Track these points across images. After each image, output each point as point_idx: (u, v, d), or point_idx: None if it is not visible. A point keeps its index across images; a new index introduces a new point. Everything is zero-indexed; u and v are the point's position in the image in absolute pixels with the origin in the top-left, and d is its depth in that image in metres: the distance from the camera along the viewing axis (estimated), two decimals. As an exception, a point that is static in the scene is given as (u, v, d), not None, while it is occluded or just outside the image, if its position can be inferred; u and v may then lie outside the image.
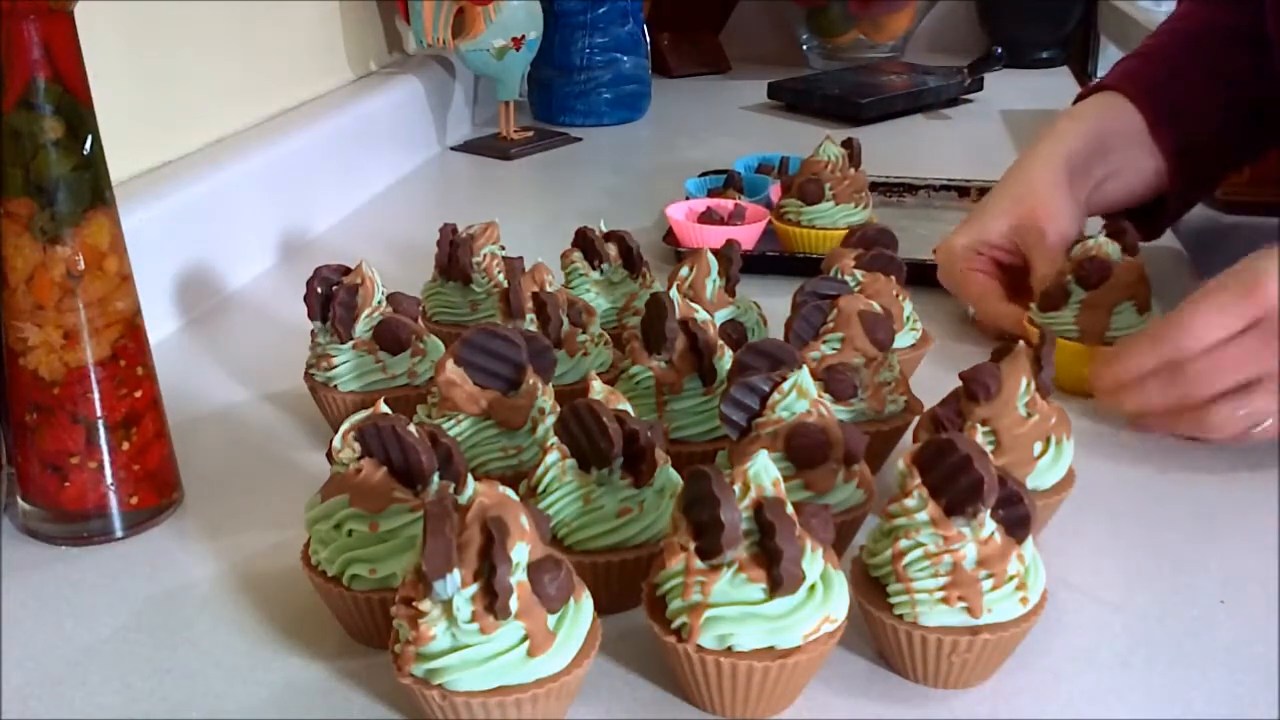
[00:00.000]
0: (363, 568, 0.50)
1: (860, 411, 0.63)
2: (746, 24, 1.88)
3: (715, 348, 0.63)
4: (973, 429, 0.57)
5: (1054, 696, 0.50)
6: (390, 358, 0.69)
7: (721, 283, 0.73)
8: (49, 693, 0.51)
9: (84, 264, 0.58)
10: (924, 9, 1.78)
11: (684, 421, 0.63)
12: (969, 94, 1.58)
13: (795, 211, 0.96)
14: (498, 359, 0.60)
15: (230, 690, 0.51)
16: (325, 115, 1.15)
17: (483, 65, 1.34)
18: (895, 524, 0.49)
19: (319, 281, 0.69)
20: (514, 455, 0.60)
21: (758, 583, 0.46)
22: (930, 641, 0.48)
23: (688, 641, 0.47)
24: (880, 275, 0.71)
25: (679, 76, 1.77)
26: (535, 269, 0.72)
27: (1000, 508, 0.49)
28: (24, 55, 0.54)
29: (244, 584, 0.58)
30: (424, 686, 0.45)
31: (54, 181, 0.56)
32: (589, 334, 0.71)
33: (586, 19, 1.47)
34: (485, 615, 0.44)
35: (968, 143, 1.41)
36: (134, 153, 0.90)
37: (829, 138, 0.97)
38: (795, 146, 1.13)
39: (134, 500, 0.62)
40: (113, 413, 0.60)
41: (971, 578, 0.48)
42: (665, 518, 0.54)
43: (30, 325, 0.58)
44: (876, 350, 0.64)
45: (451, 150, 1.40)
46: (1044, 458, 0.57)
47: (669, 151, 1.38)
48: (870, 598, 0.50)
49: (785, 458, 0.55)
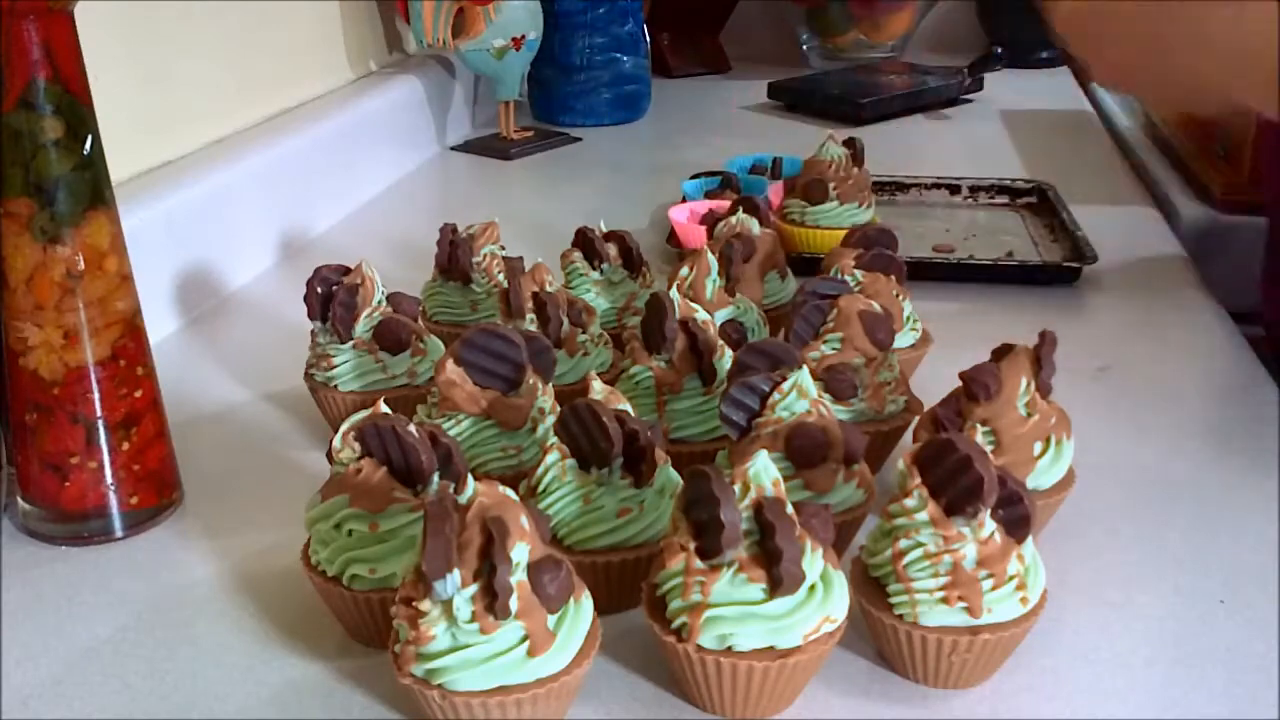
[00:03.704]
0: (363, 568, 0.50)
1: (860, 411, 0.63)
2: (746, 24, 1.87)
3: (715, 348, 0.63)
4: (973, 429, 0.57)
5: (1054, 696, 0.50)
6: (390, 358, 0.69)
7: (721, 282, 0.73)
8: (49, 693, 0.51)
9: (84, 264, 0.58)
10: (924, 9, 1.78)
11: (684, 421, 0.63)
12: (969, 94, 1.58)
13: (799, 211, 0.96)
14: (498, 359, 0.60)
15: (230, 690, 0.51)
16: (325, 115, 1.15)
17: (483, 65, 1.34)
18: (895, 524, 0.49)
19: (319, 281, 0.69)
20: (514, 455, 0.60)
21: (758, 583, 0.46)
22: (930, 641, 0.48)
23: (688, 641, 0.47)
24: (880, 275, 0.71)
25: (679, 76, 1.76)
26: (535, 269, 0.72)
27: (1000, 508, 0.49)
28: (24, 55, 0.54)
29: (244, 584, 0.58)
30: (424, 686, 0.45)
31: (54, 181, 0.56)
32: (589, 334, 0.71)
33: (586, 19, 1.47)
34: (485, 615, 0.44)
35: (967, 143, 1.41)
36: (134, 153, 0.90)
37: (832, 137, 0.97)
38: (795, 146, 1.13)
39: (134, 500, 0.62)
40: (113, 413, 0.60)
41: (971, 578, 0.48)
42: (665, 518, 0.54)
43: (30, 325, 0.58)
44: (876, 350, 0.64)
45: (451, 150, 1.40)
46: (1044, 458, 0.57)
47: (669, 151, 1.38)
48: (870, 598, 0.50)
49: (785, 458, 0.55)
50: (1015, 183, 1.13)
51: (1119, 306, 0.90)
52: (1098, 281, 0.93)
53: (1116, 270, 0.95)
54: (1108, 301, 0.91)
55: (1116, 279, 0.94)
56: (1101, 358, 0.81)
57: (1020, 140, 1.38)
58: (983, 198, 1.13)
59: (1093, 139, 1.42)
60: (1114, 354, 0.82)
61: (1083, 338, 0.83)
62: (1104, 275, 0.94)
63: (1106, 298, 0.91)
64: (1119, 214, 1.10)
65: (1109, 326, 0.87)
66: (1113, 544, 0.61)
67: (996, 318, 0.87)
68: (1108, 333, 0.86)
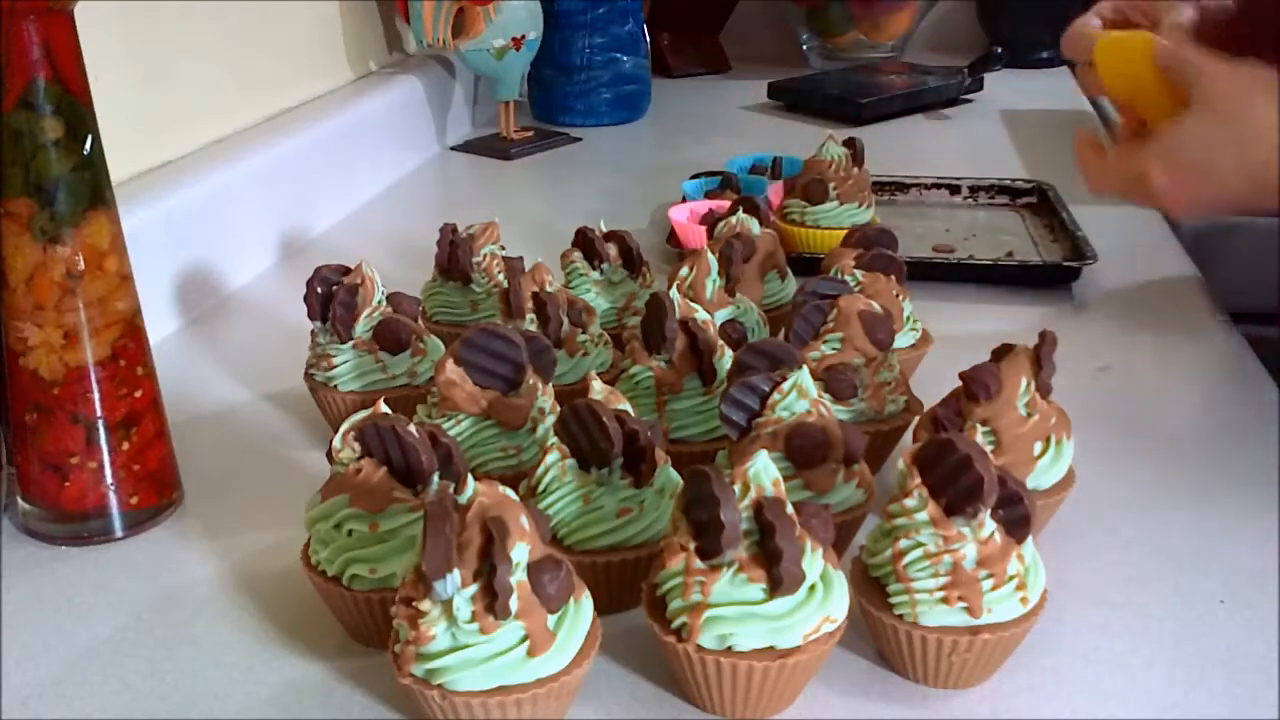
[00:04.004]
0: (363, 568, 0.50)
1: (860, 411, 0.63)
2: (746, 24, 1.87)
3: (715, 348, 0.63)
4: (973, 429, 0.57)
5: (1054, 696, 0.50)
6: (390, 358, 0.69)
7: (721, 282, 0.73)
8: (49, 693, 0.51)
9: (84, 264, 0.58)
10: (924, 9, 1.78)
11: (684, 421, 0.63)
12: (969, 94, 1.58)
13: (800, 211, 0.96)
14: (498, 359, 0.60)
15: (230, 690, 0.51)
16: (325, 115, 1.15)
17: (483, 65, 1.34)
18: (895, 524, 0.49)
19: (319, 281, 0.69)
20: (514, 455, 0.60)
21: (758, 583, 0.46)
22: (930, 641, 0.48)
23: (688, 641, 0.47)
24: (880, 275, 0.71)
25: (679, 76, 1.77)
26: (535, 269, 0.72)
27: (1000, 508, 0.49)
28: (24, 55, 0.54)
29: (244, 584, 0.58)
30: (424, 686, 0.45)
31: (54, 181, 0.56)
32: (589, 334, 0.71)
33: (586, 19, 1.47)
34: (485, 615, 0.44)
35: (967, 143, 1.41)
36: (134, 153, 0.90)
37: (832, 137, 0.97)
38: (795, 147, 1.13)
39: (134, 500, 0.62)
40: (113, 413, 0.60)
41: (971, 578, 0.48)
42: (665, 518, 0.54)
43: (30, 325, 0.58)
44: (876, 350, 0.64)
45: (451, 150, 1.40)
46: (1044, 458, 0.57)
47: (669, 151, 1.38)
48: (870, 598, 0.50)
49: (785, 458, 0.55)
50: (1015, 183, 1.13)
51: (1119, 306, 0.90)
52: (1098, 282, 0.93)
53: (1116, 270, 0.95)
54: (1108, 301, 0.91)
55: (1116, 279, 0.94)
56: (1101, 358, 0.81)
57: (1020, 140, 1.38)
58: (983, 198, 1.13)
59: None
60: (1114, 354, 0.82)
61: (1083, 338, 0.83)
62: (1104, 275, 0.94)
63: (1106, 298, 0.91)
64: (1119, 214, 1.10)
65: (1109, 326, 0.87)
66: (1113, 544, 0.61)
67: (996, 318, 0.87)
68: (1107, 333, 0.85)
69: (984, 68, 1.57)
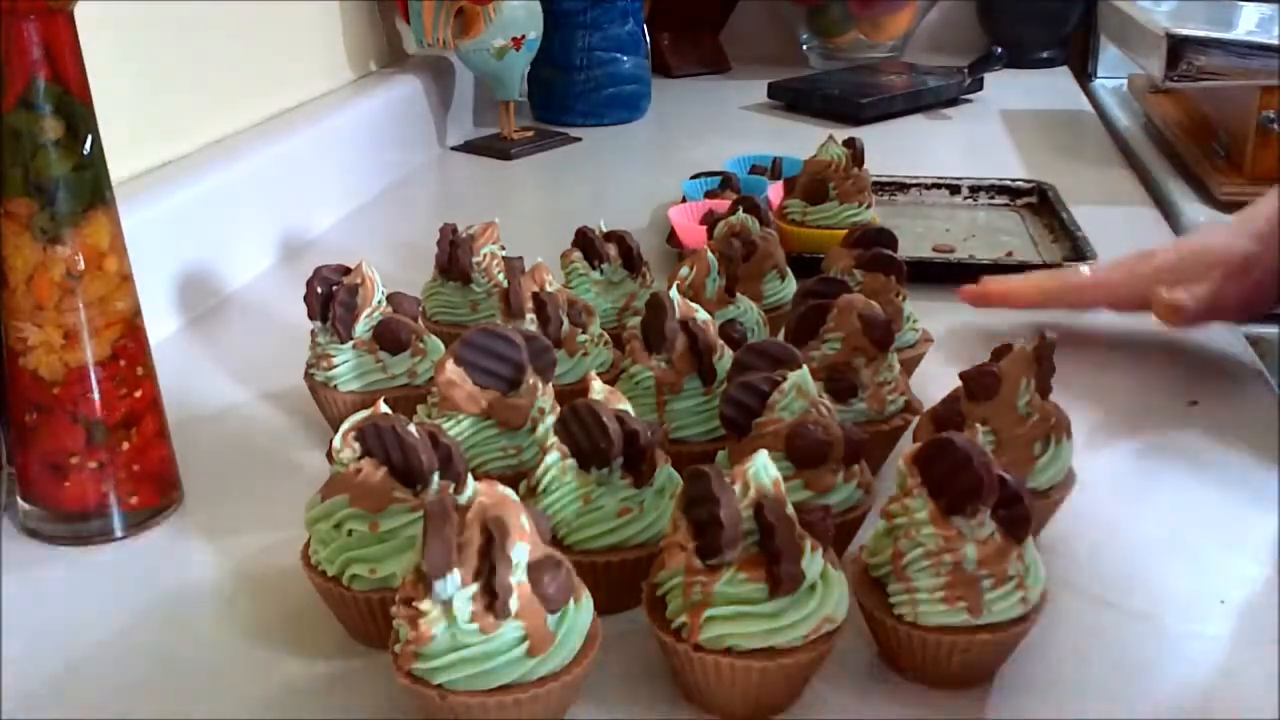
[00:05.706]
0: (363, 568, 0.50)
1: (860, 411, 0.63)
2: (746, 24, 1.87)
3: (715, 348, 0.63)
4: (973, 429, 0.57)
5: (1054, 696, 0.50)
6: (390, 358, 0.69)
7: (721, 282, 0.73)
8: (49, 693, 0.51)
9: (84, 264, 0.58)
10: (924, 9, 1.78)
11: (684, 421, 0.63)
12: (969, 94, 1.58)
13: (800, 211, 0.96)
14: (498, 359, 0.59)
15: (230, 690, 0.51)
16: (325, 115, 1.15)
17: (483, 65, 1.34)
18: (895, 524, 0.49)
19: (319, 281, 0.69)
20: (514, 455, 0.60)
21: (758, 583, 0.46)
22: (930, 641, 0.48)
23: (688, 641, 0.47)
24: (880, 275, 0.71)
25: (679, 76, 1.76)
26: (535, 269, 0.72)
27: (1000, 508, 0.49)
28: (24, 55, 0.54)
29: (244, 584, 0.58)
30: (424, 686, 0.45)
31: (54, 181, 0.56)
32: (589, 334, 0.71)
33: (586, 19, 1.47)
34: (485, 615, 0.44)
35: (968, 143, 1.41)
36: (134, 153, 0.90)
37: (832, 137, 0.97)
38: (795, 147, 1.13)
39: (134, 500, 0.62)
40: (113, 413, 0.60)
41: (971, 578, 0.48)
42: (665, 518, 0.54)
43: (30, 325, 0.58)
44: (876, 350, 0.64)
45: (451, 150, 1.40)
46: (1044, 458, 0.57)
47: (669, 151, 1.38)
48: (870, 598, 0.50)
49: (785, 458, 0.55)
50: (1015, 183, 1.13)
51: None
52: (1098, 281, 0.93)
53: (1116, 270, 0.95)
54: (1108, 301, 0.91)
55: (1116, 279, 0.94)
56: (1101, 358, 0.81)
57: (1020, 140, 1.38)
58: (983, 198, 1.13)
59: (1093, 139, 1.42)
60: (1114, 353, 0.82)
61: (1083, 338, 0.83)
62: (1104, 275, 0.93)
63: (1106, 298, 0.91)
64: (1119, 214, 1.10)
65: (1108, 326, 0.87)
66: (1113, 544, 0.61)
67: (996, 318, 0.87)
68: (1107, 333, 0.85)
69: (984, 68, 1.57)
